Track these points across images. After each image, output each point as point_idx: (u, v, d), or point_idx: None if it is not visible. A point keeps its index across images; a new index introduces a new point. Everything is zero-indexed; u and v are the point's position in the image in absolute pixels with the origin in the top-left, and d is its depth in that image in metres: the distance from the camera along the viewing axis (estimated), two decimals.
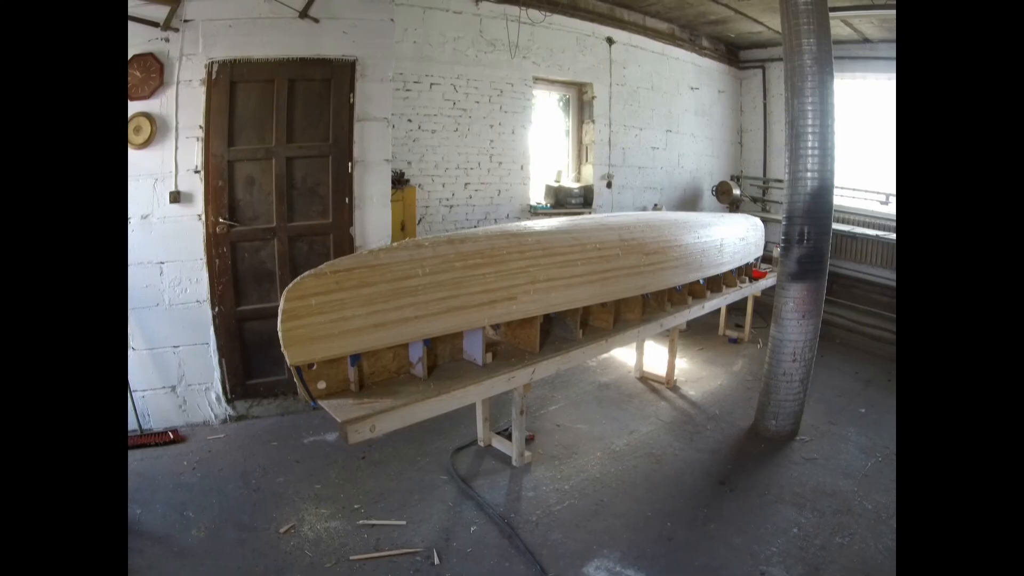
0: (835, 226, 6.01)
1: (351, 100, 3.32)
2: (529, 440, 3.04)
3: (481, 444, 3.04)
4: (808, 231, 3.15)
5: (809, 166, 3.16)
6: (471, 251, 2.23)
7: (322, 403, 2.10)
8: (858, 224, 6.31)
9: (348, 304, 2.01)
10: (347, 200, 3.33)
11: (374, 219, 3.42)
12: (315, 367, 2.11)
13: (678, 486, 2.81)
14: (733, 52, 7.79)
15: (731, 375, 4.27)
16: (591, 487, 2.74)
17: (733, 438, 3.34)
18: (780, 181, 7.10)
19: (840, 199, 6.30)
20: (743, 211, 6.89)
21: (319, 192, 3.30)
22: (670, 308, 3.33)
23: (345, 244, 3.34)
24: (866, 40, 6.29)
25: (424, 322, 2.12)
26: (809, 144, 3.16)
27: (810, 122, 3.17)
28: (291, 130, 3.21)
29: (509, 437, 2.94)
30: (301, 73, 3.22)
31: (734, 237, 3.76)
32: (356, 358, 2.14)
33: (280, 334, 1.95)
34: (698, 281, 3.45)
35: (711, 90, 7.42)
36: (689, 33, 7.09)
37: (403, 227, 4.41)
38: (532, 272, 2.32)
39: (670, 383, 3.89)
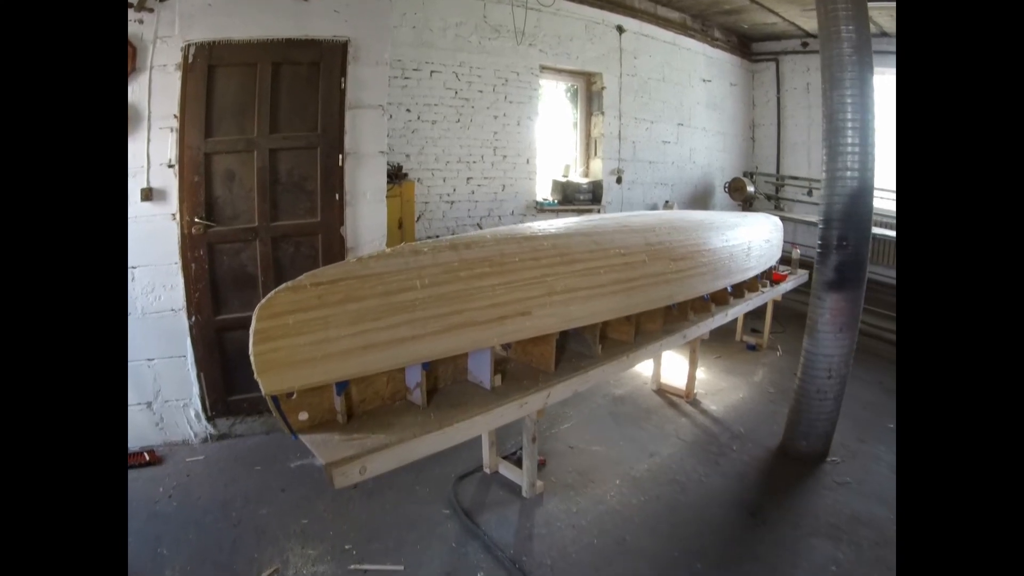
0: None
1: (342, 85, 3.00)
2: (540, 465, 2.74)
3: (487, 471, 2.75)
4: (848, 236, 2.85)
5: (849, 164, 2.85)
6: (478, 258, 1.92)
7: (304, 438, 1.80)
8: (877, 224, 6.04)
9: (333, 323, 1.70)
10: (337, 196, 3.01)
11: (368, 217, 3.10)
12: (295, 396, 1.81)
13: (706, 519, 2.52)
14: (745, 44, 7.51)
15: (752, 386, 3.98)
16: (611, 522, 2.45)
17: (760, 460, 3.05)
18: (795, 178, 6.83)
19: None
20: (756, 209, 6.60)
21: (306, 188, 2.98)
22: (693, 317, 3.03)
23: (335, 245, 3.02)
24: (883, 34, 6.04)
25: (423, 342, 1.81)
26: (849, 140, 2.86)
27: (850, 116, 2.86)
28: (275, 119, 2.89)
29: (518, 462, 2.64)
30: (287, 56, 2.90)
31: (760, 239, 3.46)
32: (343, 385, 1.84)
33: (252, 359, 1.64)
34: (725, 288, 3.15)
35: (723, 83, 7.12)
36: (701, 23, 6.79)
37: (400, 225, 4.11)
38: (549, 282, 2.00)
39: (689, 396, 3.60)
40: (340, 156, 3.01)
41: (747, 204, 6.67)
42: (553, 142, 5.62)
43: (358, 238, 3.09)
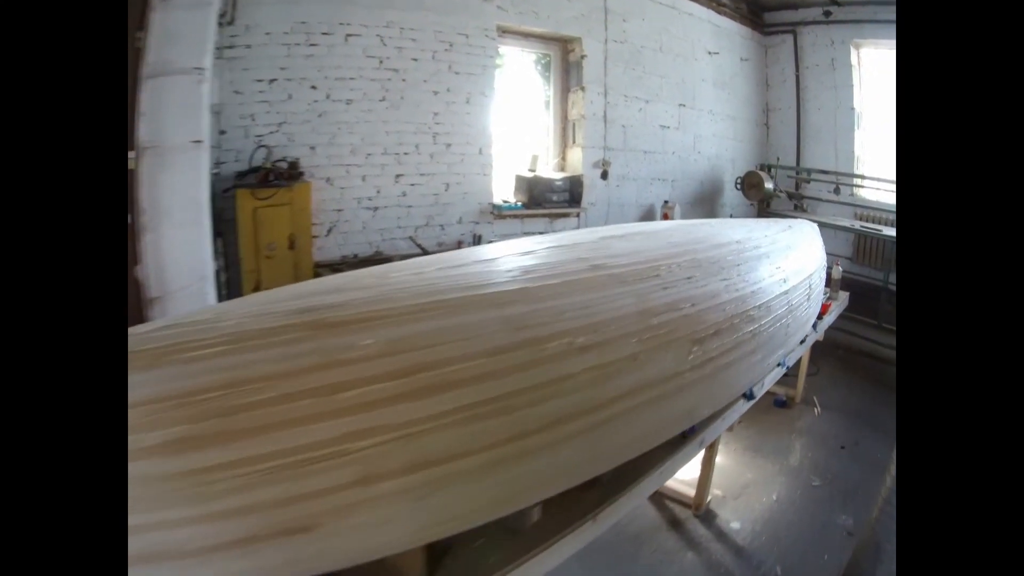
0: (883, 229, 4.67)
1: (137, 42, 1.82)
2: None
3: None
4: None
5: None
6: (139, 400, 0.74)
7: None
8: (878, 222, 5.14)
9: None
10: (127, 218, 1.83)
11: (179, 248, 1.92)
12: None
13: None
14: (756, 13, 6.37)
15: (788, 475, 2.79)
16: None
17: None
18: (826, 172, 5.64)
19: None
20: (773, 209, 5.44)
21: None
22: None
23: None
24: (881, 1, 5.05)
25: None
26: None
27: None
28: None
29: None
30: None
31: (817, 265, 2.26)
32: None
33: None
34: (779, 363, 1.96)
35: (732, 57, 5.93)
36: None
37: (292, 244, 2.95)
38: (365, 456, 0.79)
39: (700, 508, 2.42)
40: (129, 153, 1.82)
41: (763, 204, 5.49)
42: (518, 127, 4.42)
43: (165, 282, 1.91)
